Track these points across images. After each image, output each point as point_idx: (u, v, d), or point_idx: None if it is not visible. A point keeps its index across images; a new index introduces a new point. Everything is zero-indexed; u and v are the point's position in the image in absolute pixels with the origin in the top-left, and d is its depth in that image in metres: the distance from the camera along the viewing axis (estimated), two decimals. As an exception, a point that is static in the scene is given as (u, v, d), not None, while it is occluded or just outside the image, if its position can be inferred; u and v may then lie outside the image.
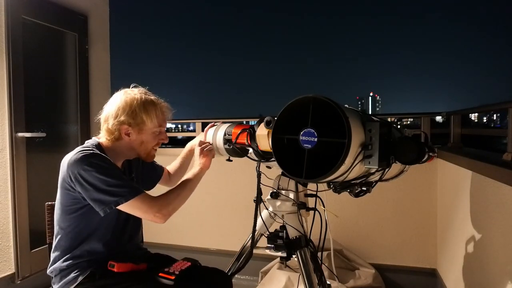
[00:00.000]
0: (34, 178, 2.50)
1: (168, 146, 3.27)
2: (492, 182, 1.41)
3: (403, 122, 1.46)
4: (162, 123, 1.35)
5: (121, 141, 1.32)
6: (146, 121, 1.29)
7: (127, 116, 1.27)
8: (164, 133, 1.38)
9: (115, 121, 1.27)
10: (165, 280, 1.22)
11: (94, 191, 1.17)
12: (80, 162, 1.18)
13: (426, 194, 2.46)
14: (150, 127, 1.31)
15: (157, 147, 1.39)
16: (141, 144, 1.33)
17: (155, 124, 1.32)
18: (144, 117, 1.28)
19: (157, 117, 1.31)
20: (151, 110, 1.29)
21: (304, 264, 1.37)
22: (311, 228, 1.41)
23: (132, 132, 1.30)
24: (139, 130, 1.30)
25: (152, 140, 1.34)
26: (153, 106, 1.31)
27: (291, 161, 1.10)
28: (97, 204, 1.19)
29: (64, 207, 1.27)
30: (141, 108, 1.28)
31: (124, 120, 1.27)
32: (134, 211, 1.23)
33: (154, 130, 1.32)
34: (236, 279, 1.57)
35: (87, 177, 1.17)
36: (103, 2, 3.18)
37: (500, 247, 1.36)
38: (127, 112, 1.27)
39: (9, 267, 2.35)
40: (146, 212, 1.22)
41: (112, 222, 1.32)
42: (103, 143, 1.33)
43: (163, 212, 1.23)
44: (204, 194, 2.93)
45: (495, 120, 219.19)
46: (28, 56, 2.47)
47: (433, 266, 2.46)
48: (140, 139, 1.32)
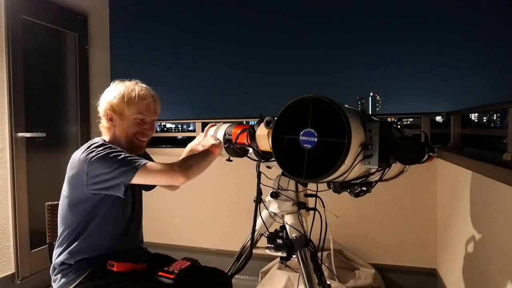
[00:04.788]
0: (34, 178, 2.49)
1: (168, 146, 3.27)
2: (492, 182, 1.41)
3: (403, 122, 1.46)
4: (143, 110, 1.35)
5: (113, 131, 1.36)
6: (124, 106, 1.32)
7: (109, 102, 1.33)
8: (149, 123, 1.38)
9: (101, 107, 1.36)
10: (164, 279, 1.22)
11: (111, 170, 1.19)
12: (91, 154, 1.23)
13: (426, 194, 2.46)
14: (128, 113, 1.33)
15: (143, 138, 1.38)
16: (122, 130, 1.35)
17: (133, 110, 1.33)
18: (122, 102, 1.32)
19: (134, 103, 1.32)
20: (130, 96, 1.32)
21: (304, 264, 1.36)
22: (311, 228, 1.41)
23: (114, 118, 1.34)
24: (120, 116, 1.34)
25: (132, 127, 1.34)
26: (132, 93, 1.33)
27: (291, 161, 1.10)
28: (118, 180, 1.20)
29: (72, 203, 1.28)
30: (120, 94, 1.33)
31: (106, 106, 1.34)
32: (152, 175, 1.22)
33: (134, 116, 1.34)
34: (236, 279, 1.57)
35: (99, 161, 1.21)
36: (103, 2, 3.18)
37: (500, 247, 1.36)
38: (109, 98, 1.34)
39: (9, 267, 2.35)
40: (164, 170, 1.22)
41: (117, 219, 1.33)
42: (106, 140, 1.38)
43: (182, 166, 1.24)
44: (204, 194, 2.93)
45: (495, 120, 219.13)
46: (28, 56, 2.47)
47: (433, 266, 2.46)
48: (121, 125, 1.34)
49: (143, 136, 1.38)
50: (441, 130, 2.68)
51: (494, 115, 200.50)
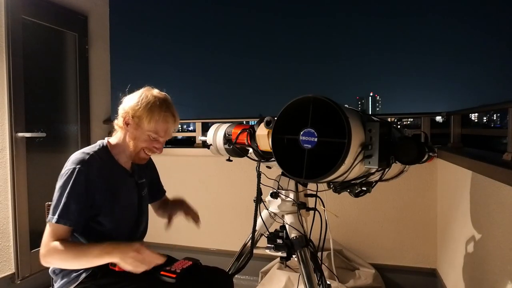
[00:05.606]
0: (34, 178, 2.50)
1: (167, 146, 3.27)
2: (492, 182, 1.41)
3: (403, 122, 1.45)
4: (160, 131, 1.32)
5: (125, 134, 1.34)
6: (144, 119, 1.29)
7: (133, 108, 1.31)
8: (160, 143, 1.36)
9: (122, 108, 1.33)
10: (166, 278, 1.22)
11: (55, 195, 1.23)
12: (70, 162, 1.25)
13: (426, 194, 2.46)
14: (146, 127, 1.30)
15: (149, 152, 1.37)
16: (133, 139, 1.33)
17: (151, 126, 1.30)
18: (144, 115, 1.29)
19: (155, 121, 1.30)
20: (153, 112, 1.29)
21: (304, 264, 1.36)
22: (311, 228, 1.41)
23: (131, 123, 1.32)
24: (136, 125, 1.31)
25: (143, 140, 1.33)
26: (157, 110, 1.30)
27: (291, 161, 1.10)
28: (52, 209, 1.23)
29: None
30: (146, 105, 1.30)
31: (128, 110, 1.31)
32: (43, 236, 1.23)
33: (149, 132, 1.31)
34: (236, 279, 1.57)
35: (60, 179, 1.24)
36: (103, 2, 3.18)
37: (500, 247, 1.36)
38: (134, 104, 1.31)
39: (9, 267, 2.35)
40: (42, 242, 1.22)
41: (118, 219, 1.34)
42: (111, 142, 1.38)
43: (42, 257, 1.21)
44: (204, 194, 2.93)
45: (495, 120, 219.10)
46: (28, 56, 2.47)
47: (433, 266, 2.46)
48: (134, 134, 1.32)
49: (150, 151, 1.37)
50: (441, 130, 2.68)
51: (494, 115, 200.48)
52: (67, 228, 1.21)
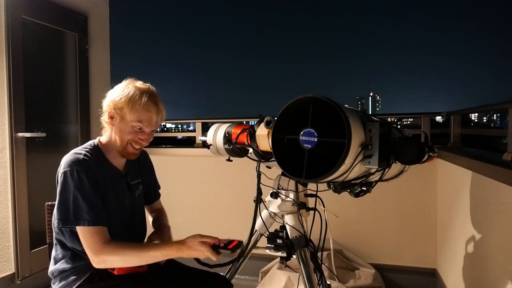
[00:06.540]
0: (34, 178, 2.49)
1: (168, 146, 3.27)
2: (492, 182, 1.41)
3: (403, 122, 1.45)
4: (143, 120, 1.29)
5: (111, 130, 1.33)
6: (126, 109, 1.27)
7: (114, 100, 1.29)
8: (146, 133, 1.32)
9: (105, 103, 1.32)
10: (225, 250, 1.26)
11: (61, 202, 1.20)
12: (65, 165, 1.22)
13: (426, 194, 2.46)
14: (128, 118, 1.28)
15: (136, 145, 1.33)
16: (119, 132, 1.31)
17: (134, 117, 1.27)
18: (125, 105, 1.27)
19: (136, 111, 1.26)
20: (134, 102, 1.27)
21: (304, 264, 1.37)
22: (311, 228, 1.41)
23: (115, 117, 1.29)
24: (121, 118, 1.29)
25: (128, 133, 1.30)
26: (138, 99, 1.27)
27: (291, 161, 1.10)
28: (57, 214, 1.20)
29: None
30: (127, 95, 1.27)
31: (110, 103, 1.30)
32: (82, 239, 1.21)
33: (132, 123, 1.28)
34: (236, 279, 1.57)
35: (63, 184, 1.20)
36: (103, 2, 3.18)
37: (500, 247, 1.36)
38: (115, 97, 1.29)
39: (9, 267, 2.35)
40: (88, 247, 1.19)
41: (117, 221, 1.32)
42: (102, 141, 1.35)
43: (98, 259, 1.18)
44: (204, 194, 2.93)
45: (495, 120, 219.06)
46: (28, 56, 2.47)
47: (433, 266, 2.46)
48: (119, 127, 1.30)
49: (137, 144, 1.33)
50: (441, 130, 2.68)
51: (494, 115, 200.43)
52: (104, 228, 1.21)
